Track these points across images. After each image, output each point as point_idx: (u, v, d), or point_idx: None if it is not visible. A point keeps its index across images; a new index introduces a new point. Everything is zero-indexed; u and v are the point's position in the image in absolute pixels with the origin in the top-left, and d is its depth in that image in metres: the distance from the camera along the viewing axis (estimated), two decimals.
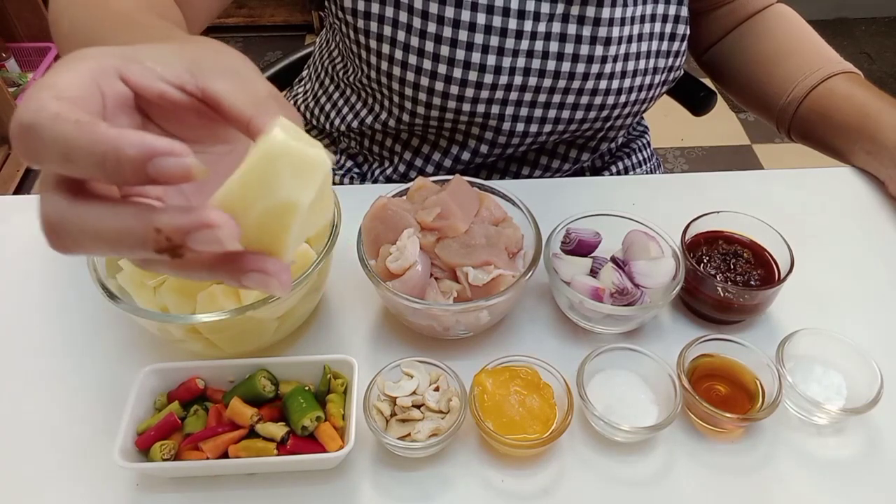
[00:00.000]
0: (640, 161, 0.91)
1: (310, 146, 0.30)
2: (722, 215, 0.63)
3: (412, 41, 0.68)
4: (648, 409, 0.54)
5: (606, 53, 0.70)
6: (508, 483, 0.51)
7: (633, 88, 0.74)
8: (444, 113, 0.72)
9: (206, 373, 0.53)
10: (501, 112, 0.73)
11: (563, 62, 0.70)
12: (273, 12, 2.66)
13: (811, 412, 0.54)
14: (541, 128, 0.75)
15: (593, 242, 0.62)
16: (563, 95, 0.72)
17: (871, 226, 0.72)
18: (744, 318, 0.62)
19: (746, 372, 0.56)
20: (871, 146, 0.74)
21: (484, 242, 0.57)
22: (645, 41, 0.73)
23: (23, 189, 2.01)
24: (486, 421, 0.51)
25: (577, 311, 0.60)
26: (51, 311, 0.62)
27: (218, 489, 0.51)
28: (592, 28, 0.69)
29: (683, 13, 0.74)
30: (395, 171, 0.82)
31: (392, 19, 0.68)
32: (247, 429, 0.50)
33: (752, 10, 0.86)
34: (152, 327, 0.54)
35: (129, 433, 0.49)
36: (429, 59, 0.68)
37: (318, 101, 0.86)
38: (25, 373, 0.58)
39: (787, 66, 0.82)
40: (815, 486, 0.52)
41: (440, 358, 0.55)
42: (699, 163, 2.14)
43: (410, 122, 0.75)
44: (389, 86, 0.72)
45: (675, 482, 0.52)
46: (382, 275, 0.56)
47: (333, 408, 0.51)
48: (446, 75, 0.69)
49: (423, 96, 0.71)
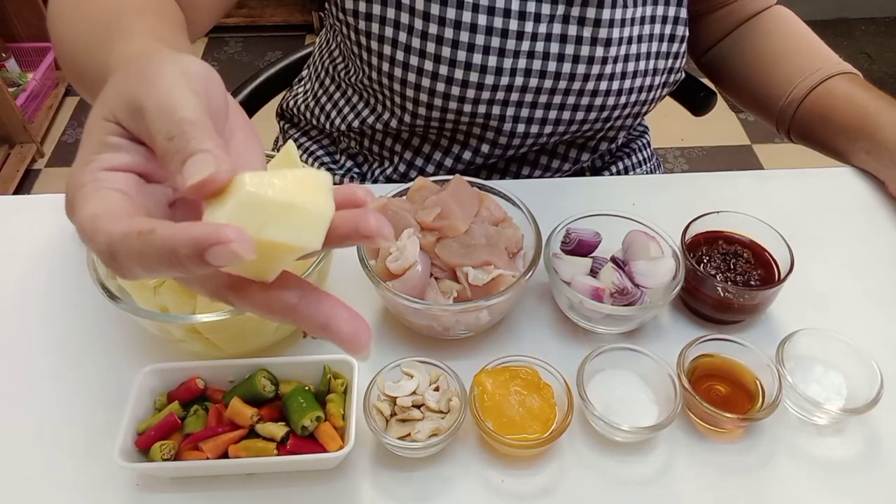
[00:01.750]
0: (640, 161, 0.91)
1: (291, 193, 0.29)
2: (722, 215, 0.63)
3: (413, 42, 0.68)
4: (648, 409, 0.54)
5: (607, 55, 0.70)
6: (508, 483, 0.51)
7: (633, 89, 0.74)
8: (445, 114, 0.73)
9: (206, 373, 0.53)
10: (502, 113, 0.73)
11: (563, 63, 0.70)
12: (273, 12, 2.65)
13: (811, 412, 0.54)
14: (541, 128, 0.75)
15: (593, 242, 0.62)
16: (564, 96, 0.73)
17: (871, 226, 0.72)
18: (744, 318, 0.62)
19: (746, 372, 0.56)
20: (871, 146, 0.74)
21: (484, 242, 0.57)
22: (645, 42, 0.73)
23: (23, 189, 2.01)
24: (486, 421, 0.51)
25: (577, 311, 0.60)
26: (51, 311, 0.62)
27: (218, 489, 0.51)
28: (593, 29, 0.69)
29: (682, 14, 0.74)
30: (396, 171, 0.82)
31: (393, 21, 0.68)
32: (247, 429, 0.50)
33: (751, 11, 0.86)
34: (152, 327, 0.54)
35: (129, 433, 0.49)
36: (430, 60, 0.68)
37: (319, 101, 0.86)
38: (25, 373, 0.58)
39: (786, 68, 0.82)
40: (815, 486, 0.52)
41: (440, 358, 0.55)
42: (699, 163, 2.14)
43: (412, 122, 0.75)
44: (391, 87, 0.72)
45: (675, 482, 0.52)
46: (382, 275, 0.56)
47: (333, 408, 0.51)
48: (447, 76, 0.69)
49: (424, 97, 0.71)
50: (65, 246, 0.67)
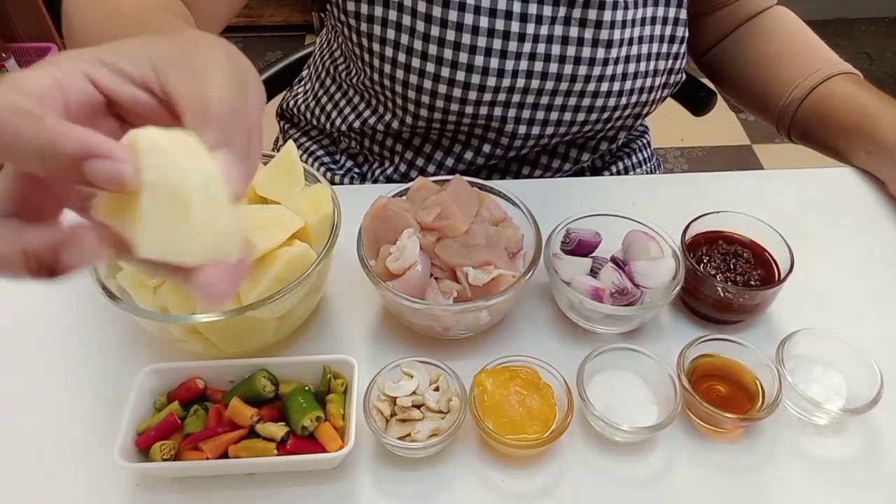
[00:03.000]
0: (640, 161, 0.91)
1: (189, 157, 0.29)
2: (722, 215, 0.63)
3: (415, 44, 0.68)
4: (648, 409, 0.54)
5: (608, 56, 0.70)
6: (508, 483, 0.51)
7: (633, 90, 0.74)
8: (446, 115, 0.73)
9: (206, 373, 0.53)
10: (504, 114, 0.73)
11: (564, 64, 0.70)
12: (273, 12, 2.65)
13: (811, 412, 0.54)
14: (543, 129, 0.75)
15: (593, 242, 0.62)
16: (566, 97, 0.73)
17: (871, 226, 0.72)
18: (744, 318, 0.62)
19: (746, 372, 0.56)
20: (871, 146, 0.74)
21: (484, 242, 0.57)
22: (645, 43, 0.73)
23: None
24: (486, 421, 0.51)
25: (577, 311, 0.60)
26: (51, 311, 0.62)
27: (218, 489, 0.51)
28: (594, 31, 0.69)
29: (682, 16, 0.75)
30: (396, 171, 0.82)
31: (395, 23, 0.68)
32: (247, 429, 0.50)
33: (751, 11, 0.86)
34: (152, 327, 0.54)
35: (129, 433, 0.49)
36: (432, 62, 0.68)
37: (319, 101, 0.86)
38: (25, 373, 0.58)
39: (786, 68, 0.82)
40: (815, 486, 0.52)
41: (440, 358, 0.55)
42: (699, 163, 2.14)
43: (413, 123, 0.75)
44: (392, 88, 0.72)
45: (675, 482, 0.52)
46: (382, 275, 0.56)
47: (333, 408, 0.51)
48: (449, 78, 0.69)
49: (426, 99, 0.71)
50: None
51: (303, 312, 0.59)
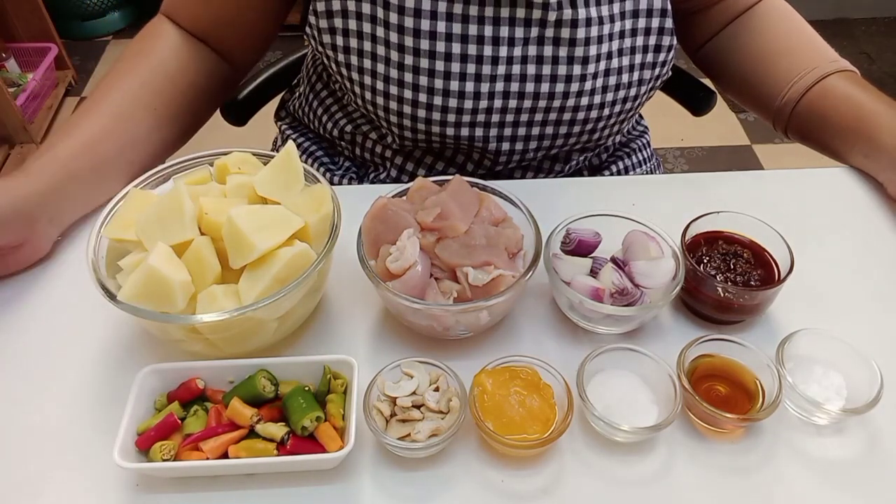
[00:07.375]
0: (640, 161, 0.91)
1: None
2: (722, 215, 0.63)
3: (391, 73, 0.69)
4: (648, 409, 0.54)
5: (585, 72, 0.70)
6: (508, 483, 0.51)
7: (616, 101, 0.74)
8: (430, 136, 0.73)
9: (206, 373, 0.53)
10: (485, 134, 0.73)
11: (541, 83, 0.70)
12: None
13: (811, 412, 0.54)
14: (526, 145, 0.75)
15: (593, 242, 0.62)
16: (545, 114, 0.72)
17: (871, 226, 0.72)
18: (744, 319, 0.62)
19: (746, 372, 0.56)
20: (869, 149, 0.73)
21: (484, 243, 0.57)
22: (626, 55, 0.72)
23: None
24: (486, 421, 0.51)
25: (577, 311, 0.60)
26: (51, 311, 0.62)
27: (218, 489, 0.51)
28: (568, 49, 0.69)
29: (668, 25, 0.73)
30: (388, 176, 0.82)
31: (370, 52, 0.69)
32: (247, 429, 0.50)
33: (745, 5, 0.84)
34: (152, 327, 0.54)
35: (129, 433, 0.49)
36: (409, 89, 0.69)
37: (312, 106, 0.86)
38: (25, 373, 0.58)
39: (782, 65, 0.81)
40: (815, 486, 0.52)
41: (440, 358, 0.55)
42: (699, 163, 2.14)
43: (401, 142, 0.76)
44: (375, 112, 0.73)
45: (675, 482, 0.52)
46: (382, 275, 0.56)
47: (333, 408, 0.51)
48: (427, 103, 0.69)
49: (407, 122, 0.72)
50: (65, 246, 0.67)
51: (303, 312, 0.59)
